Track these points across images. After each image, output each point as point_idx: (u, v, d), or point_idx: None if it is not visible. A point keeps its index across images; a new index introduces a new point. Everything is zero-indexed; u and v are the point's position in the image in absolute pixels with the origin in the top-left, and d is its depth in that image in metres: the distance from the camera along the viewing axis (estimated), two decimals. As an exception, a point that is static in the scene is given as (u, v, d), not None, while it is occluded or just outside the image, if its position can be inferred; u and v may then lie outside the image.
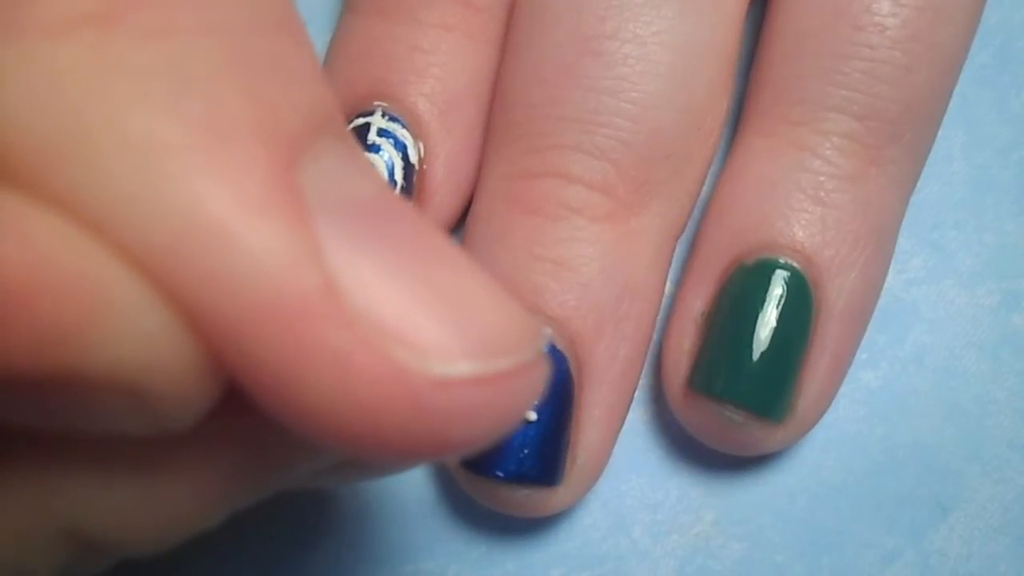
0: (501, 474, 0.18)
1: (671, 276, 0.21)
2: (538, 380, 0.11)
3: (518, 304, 0.11)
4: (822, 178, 0.19)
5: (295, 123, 0.10)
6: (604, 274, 0.19)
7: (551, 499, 0.19)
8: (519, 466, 0.18)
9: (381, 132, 0.19)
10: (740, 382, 0.18)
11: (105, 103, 0.09)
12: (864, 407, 0.21)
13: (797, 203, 0.19)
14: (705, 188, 0.20)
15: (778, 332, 0.18)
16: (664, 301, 0.20)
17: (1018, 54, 0.22)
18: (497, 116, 0.20)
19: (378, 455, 0.10)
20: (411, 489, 0.21)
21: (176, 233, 0.09)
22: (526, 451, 0.18)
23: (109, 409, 0.10)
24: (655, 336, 0.20)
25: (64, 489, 0.11)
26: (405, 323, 0.10)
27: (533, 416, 0.18)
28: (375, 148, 0.19)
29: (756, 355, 0.18)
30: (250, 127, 0.10)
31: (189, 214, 0.09)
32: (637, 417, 0.21)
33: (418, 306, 0.10)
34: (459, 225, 0.21)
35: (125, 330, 0.09)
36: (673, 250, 0.20)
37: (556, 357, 0.18)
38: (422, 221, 0.11)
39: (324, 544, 0.21)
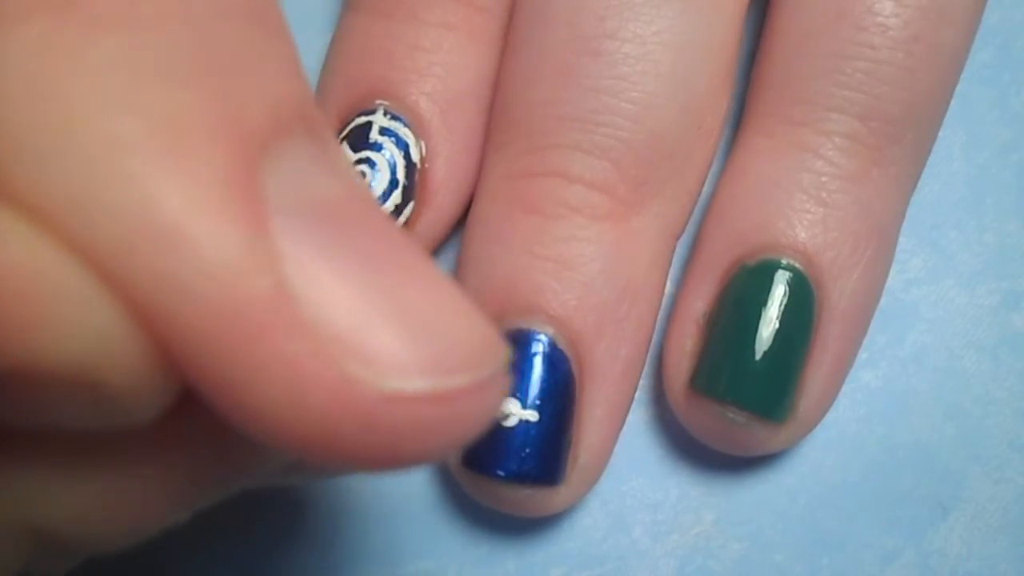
0: (502, 473, 0.18)
1: (671, 276, 0.21)
2: (496, 397, 0.10)
3: (482, 317, 0.10)
4: (824, 179, 0.18)
5: (259, 120, 0.10)
6: (605, 274, 0.19)
7: (552, 499, 0.19)
8: (520, 465, 0.18)
9: (383, 131, 0.19)
10: (742, 383, 0.18)
11: (58, 99, 0.09)
12: (864, 407, 0.21)
13: (799, 204, 0.19)
14: (706, 188, 0.20)
15: (780, 333, 0.18)
16: (664, 301, 0.20)
17: (1018, 54, 0.22)
18: (497, 115, 0.20)
19: (330, 462, 0.10)
20: (412, 489, 0.21)
21: (128, 233, 0.09)
22: (528, 451, 0.18)
23: (65, 403, 0.10)
24: (654, 336, 0.20)
25: (24, 487, 0.11)
26: (360, 334, 0.09)
27: (535, 416, 0.18)
28: (377, 147, 0.19)
29: (758, 356, 0.18)
30: (209, 124, 0.09)
31: (141, 214, 0.09)
32: (637, 417, 0.21)
33: (376, 317, 0.09)
34: (459, 224, 0.21)
35: (76, 326, 0.09)
36: (673, 250, 0.20)
37: (558, 357, 0.18)
38: (390, 226, 0.10)
39: (324, 544, 0.21)
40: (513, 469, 0.18)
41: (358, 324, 0.09)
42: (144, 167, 0.09)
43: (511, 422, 0.18)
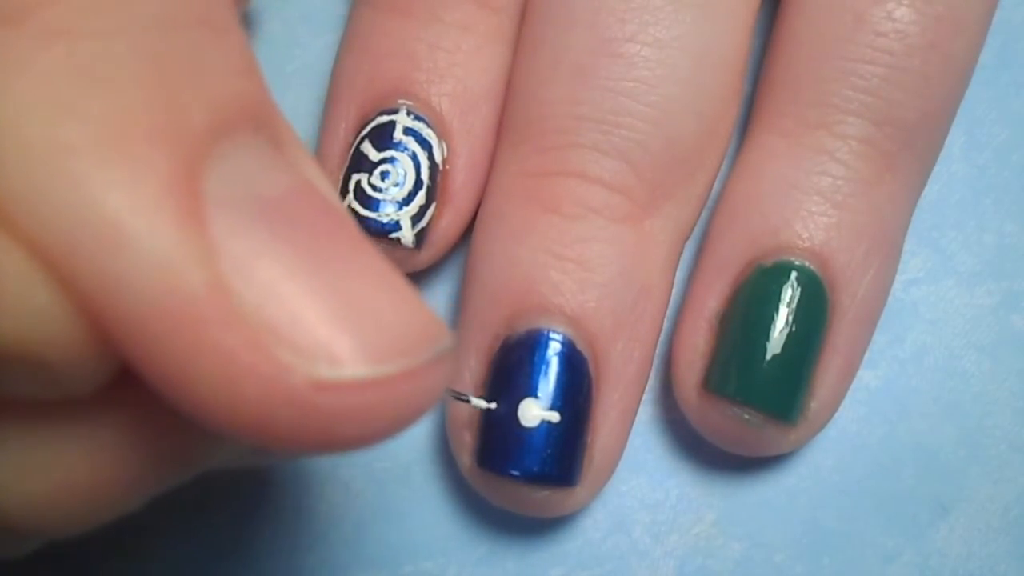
0: (524, 474, 0.18)
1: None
2: (435, 383, 0.11)
3: (421, 306, 0.11)
4: (840, 182, 0.19)
5: (201, 121, 0.10)
6: (623, 276, 0.19)
7: (568, 500, 0.19)
8: (542, 466, 0.18)
9: (407, 131, 0.19)
10: (756, 383, 0.18)
11: (8, 104, 0.09)
12: (864, 407, 0.21)
13: (816, 206, 0.19)
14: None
15: (794, 335, 0.18)
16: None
17: (1018, 54, 0.22)
18: (512, 113, 0.20)
19: (271, 446, 0.10)
20: (411, 489, 0.21)
21: (71, 230, 0.09)
22: (549, 451, 0.18)
23: (8, 374, 0.10)
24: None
25: None
26: (295, 325, 0.10)
27: (556, 417, 0.18)
28: (401, 147, 0.19)
29: (772, 357, 0.18)
30: (150, 127, 0.10)
31: (83, 212, 0.09)
32: (638, 417, 0.21)
33: (311, 308, 0.10)
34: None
35: (18, 306, 0.10)
36: (681, 253, 0.20)
37: (577, 358, 0.18)
38: (335, 217, 0.11)
39: (324, 544, 0.21)
40: (535, 470, 0.18)
41: (293, 315, 0.10)
42: (87, 168, 0.09)
43: (533, 423, 0.18)
